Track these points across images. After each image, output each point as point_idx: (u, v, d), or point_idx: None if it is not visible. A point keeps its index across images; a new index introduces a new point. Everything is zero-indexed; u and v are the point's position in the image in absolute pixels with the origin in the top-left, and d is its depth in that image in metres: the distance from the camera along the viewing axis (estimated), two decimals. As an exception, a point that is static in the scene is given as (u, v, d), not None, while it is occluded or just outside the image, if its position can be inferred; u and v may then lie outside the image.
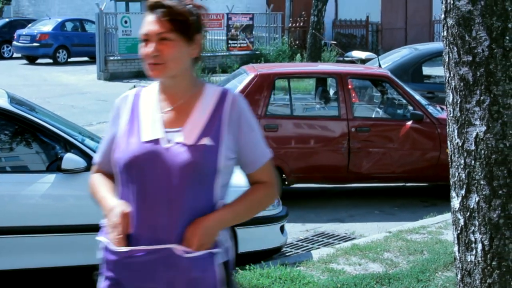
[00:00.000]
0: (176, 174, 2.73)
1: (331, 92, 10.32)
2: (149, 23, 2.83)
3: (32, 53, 28.82)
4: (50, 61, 28.72)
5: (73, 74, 24.26)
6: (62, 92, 19.14)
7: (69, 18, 30.95)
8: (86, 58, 28.72)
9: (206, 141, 2.78)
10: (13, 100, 6.16)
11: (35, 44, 28.46)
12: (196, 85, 2.91)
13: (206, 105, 2.86)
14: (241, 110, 2.86)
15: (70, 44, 28.96)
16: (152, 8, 2.84)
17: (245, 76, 9.29)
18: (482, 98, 3.21)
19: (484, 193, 3.25)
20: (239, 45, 26.00)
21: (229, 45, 25.88)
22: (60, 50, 28.81)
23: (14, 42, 29.49)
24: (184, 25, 2.80)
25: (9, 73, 24.54)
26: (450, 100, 3.35)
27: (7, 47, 31.09)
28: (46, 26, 29.53)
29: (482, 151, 3.23)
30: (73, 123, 6.91)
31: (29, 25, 30.63)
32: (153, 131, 2.82)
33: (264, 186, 2.94)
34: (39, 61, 29.04)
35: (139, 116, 2.89)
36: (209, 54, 23.77)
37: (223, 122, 2.83)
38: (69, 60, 28.83)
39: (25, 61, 29.05)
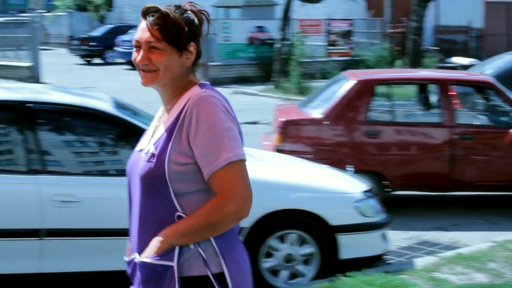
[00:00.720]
0: (138, 184, 2.69)
1: (433, 98, 10.11)
2: (141, 29, 2.72)
3: (134, 58, 29.39)
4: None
5: (174, 80, 24.60)
6: (163, 97, 19.39)
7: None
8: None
9: (151, 148, 2.66)
10: (117, 104, 6.28)
11: (137, 50, 29.05)
12: (185, 89, 2.72)
13: (175, 110, 2.69)
14: (194, 109, 2.60)
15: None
16: (145, 14, 2.74)
17: (345, 82, 9.22)
18: None
19: None
20: (338, 51, 25.88)
21: (329, 51, 25.79)
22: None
23: (117, 48, 30.21)
24: (176, 35, 2.66)
25: (112, 78, 25.14)
26: None
27: (110, 52, 31.85)
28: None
29: None
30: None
31: (131, 31, 31.31)
32: (143, 140, 2.79)
33: (215, 198, 2.58)
34: (141, 66, 29.57)
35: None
36: (308, 60, 23.73)
37: (176, 125, 2.63)
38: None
39: (127, 67, 29.69)
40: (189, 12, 2.74)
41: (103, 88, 18.66)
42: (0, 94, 6.16)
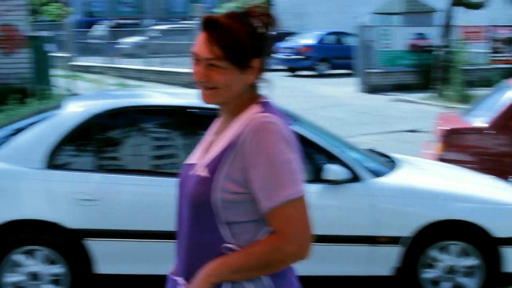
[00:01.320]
0: (184, 204, 2.54)
1: None
2: (200, 43, 2.46)
3: (293, 65, 29.73)
4: (311, 73, 29.45)
5: (333, 86, 24.67)
6: (322, 103, 19.55)
7: (329, 32, 31.54)
8: (344, 71, 29.11)
9: (202, 171, 2.46)
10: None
11: (296, 56, 29.34)
12: (245, 106, 2.51)
13: (231, 132, 2.47)
14: (253, 137, 2.39)
15: (330, 57, 29.51)
16: (205, 25, 2.46)
17: (510, 91, 8.89)
18: None
19: None
20: (502, 59, 25.03)
21: (492, 58, 25.00)
22: (321, 62, 29.46)
23: (276, 55, 30.59)
24: (238, 53, 2.43)
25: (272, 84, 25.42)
26: None
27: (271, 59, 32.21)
28: (307, 39, 30.33)
29: None
30: (335, 134, 7.00)
31: (290, 37, 31.62)
32: (194, 155, 2.62)
33: (272, 236, 2.40)
34: (300, 73, 29.87)
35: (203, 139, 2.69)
36: (470, 67, 23.10)
37: (231, 151, 2.42)
38: (329, 72, 29.38)
39: (287, 73, 29.99)
40: (254, 19, 2.48)
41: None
42: (164, 99, 6.40)
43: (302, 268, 5.77)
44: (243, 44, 2.43)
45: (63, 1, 26.30)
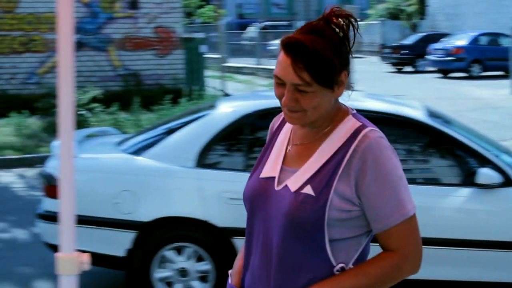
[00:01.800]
0: (276, 222, 2.34)
1: None
2: (284, 65, 2.26)
3: (446, 66, 29.08)
4: (463, 75, 28.71)
5: (486, 88, 23.95)
6: (474, 106, 19.01)
7: (483, 32, 30.63)
8: (498, 73, 28.18)
9: (308, 189, 2.29)
10: (429, 113, 6.24)
11: (449, 58, 28.68)
12: (335, 119, 2.39)
13: (331, 145, 2.34)
14: (368, 153, 2.26)
15: (483, 58, 28.67)
16: (288, 48, 2.27)
17: None
18: None
19: None
20: None
21: None
22: (474, 64, 28.67)
23: (428, 56, 30.03)
24: (328, 74, 2.26)
25: (423, 86, 25.03)
26: None
27: (421, 60, 31.72)
28: (460, 40, 29.60)
29: None
30: (488, 137, 6.79)
31: (443, 39, 30.95)
32: (272, 167, 2.43)
33: (391, 256, 2.31)
34: (452, 74, 29.19)
35: (273, 145, 2.51)
36: None
37: (339, 167, 2.28)
38: (482, 74, 28.55)
39: (438, 75, 29.39)
40: (335, 24, 2.29)
41: (413, 96, 18.65)
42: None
43: (450, 272, 5.68)
44: (332, 64, 2.26)
45: (216, 3, 26.90)
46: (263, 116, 6.08)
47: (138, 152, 6.13)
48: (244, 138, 6.02)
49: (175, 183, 5.91)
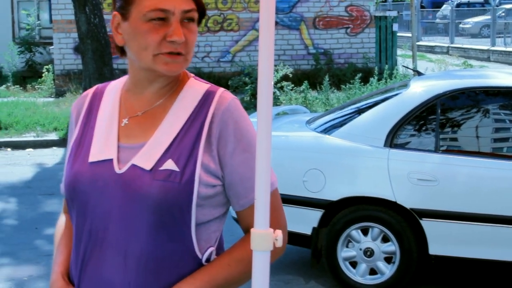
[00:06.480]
0: (131, 211, 1.93)
1: None
2: None
3: None
4: None
5: None
6: None
7: None
8: None
9: (169, 164, 1.93)
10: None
11: None
12: (178, 79, 2.07)
13: (181, 110, 2.00)
14: (229, 117, 1.97)
15: None
16: None
17: None
18: None
19: None
20: None
21: None
22: None
23: None
24: (202, 4, 2.02)
25: None
26: None
27: None
28: None
29: None
30: None
31: None
32: (104, 148, 2.02)
33: None
34: None
35: (94, 126, 2.09)
36: None
37: (200, 136, 1.96)
38: None
39: None
40: None
41: None
42: (510, 81, 6.15)
43: None
44: None
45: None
46: (456, 97, 5.94)
47: (327, 130, 6.16)
48: (436, 119, 5.89)
49: (364, 163, 5.88)
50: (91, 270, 1.99)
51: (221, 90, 2.04)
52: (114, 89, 2.14)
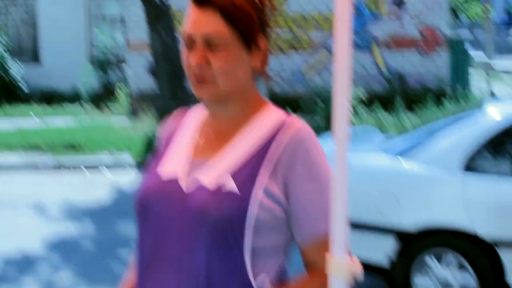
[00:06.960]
0: (189, 228, 1.93)
1: None
2: (193, 19, 1.96)
3: None
4: None
5: None
6: None
7: None
8: None
9: (230, 184, 1.91)
10: None
11: None
12: (255, 105, 2.05)
13: (253, 134, 1.98)
14: (300, 146, 1.93)
15: None
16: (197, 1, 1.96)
17: None
18: None
19: None
20: None
21: None
22: None
23: None
24: (245, 23, 1.94)
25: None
26: None
27: None
28: None
29: None
30: None
31: None
32: (175, 162, 2.04)
33: (318, 275, 1.90)
34: None
35: (174, 143, 2.12)
36: None
37: (266, 160, 1.93)
38: None
39: None
40: None
41: None
42: None
43: None
44: (249, 13, 1.96)
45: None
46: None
47: (401, 153, 6.03)
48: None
49: (440, 189, 5.74)
50: (151, 281, 2.00)
51: (294, 118, 2.03)
52: (198, 110, 2.17)
